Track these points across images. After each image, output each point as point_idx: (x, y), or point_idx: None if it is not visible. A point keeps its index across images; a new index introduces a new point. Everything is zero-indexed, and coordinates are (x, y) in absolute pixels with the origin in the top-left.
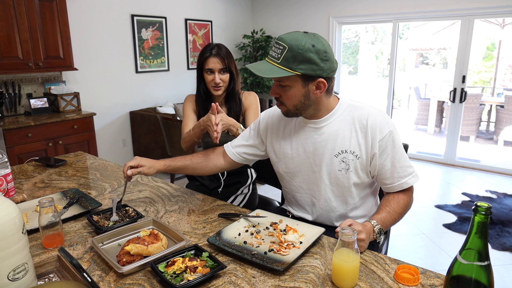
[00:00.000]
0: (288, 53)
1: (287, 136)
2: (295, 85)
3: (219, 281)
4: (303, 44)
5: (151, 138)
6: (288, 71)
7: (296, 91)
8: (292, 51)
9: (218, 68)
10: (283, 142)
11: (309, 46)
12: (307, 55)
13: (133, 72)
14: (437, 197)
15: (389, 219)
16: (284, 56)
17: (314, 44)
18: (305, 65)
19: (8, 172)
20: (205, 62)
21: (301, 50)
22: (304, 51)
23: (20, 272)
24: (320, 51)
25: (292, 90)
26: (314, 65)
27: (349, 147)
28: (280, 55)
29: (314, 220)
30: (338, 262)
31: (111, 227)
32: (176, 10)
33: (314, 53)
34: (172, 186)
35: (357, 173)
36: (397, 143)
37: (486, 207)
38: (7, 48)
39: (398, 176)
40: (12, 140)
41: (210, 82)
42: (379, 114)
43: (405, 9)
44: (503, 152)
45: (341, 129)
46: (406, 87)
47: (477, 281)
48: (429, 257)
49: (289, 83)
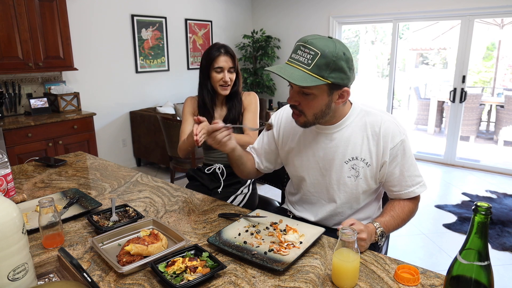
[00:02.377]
0: (321, 59)
1: (297, 140)
2: (321, 94)
3: (219, 281)
4: (337, 51)
5: (151, 138)
6: (319, 79)
7: (320, 100)
8: (325, 58)
9: (228, 66)
10: (293, 145)
11: (341, 54)
12: (339, 63)
13: (133, 72)
14: (437, 197)
15: (392, 224)
16: (316, 63)
17: (345, 52)
18: (337, 73)
19: (8, 172)
20: (215, 60)
21: (335, 58)
22: (338, 59)
23: (20, 272)
24: (349, 59)
25: (316, 99)
26: (344, 74)
27: (360, 154)
28: (311, 61)
29: (316, 221)
30: (338, 262)
31: (111, 227)
32: (176, 10)
33: (345, 61)
34: (172, 186)
35: (366, 181)
36: (407, 152)
37: (486, 207)
38: (7, 48)
39: (406, 185)
40: (12, 140)
41: (219, 81)
42: (392, 122)
43: (405, 9)
44: (503, 152)
45: (353, 135)
46: (406, 87)
47: (477, 281)
48: (429, 257)
49: (315, 91)
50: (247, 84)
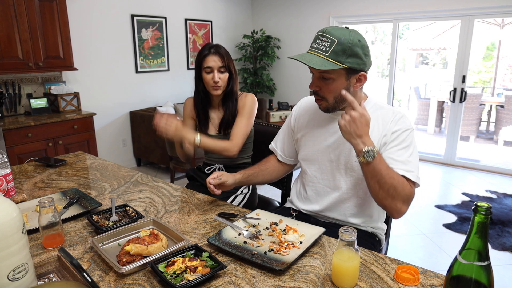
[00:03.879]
0: (337, 46)
1: (310, 123)
2: (339, 78)
3: (219, 281)
4: (352, 38)
5: (151, 138)
6: (337, 64)
7: (339, 83)
8: (342, 45)
9: (217, 66)
10: (306, 128)
11: (356, 41)
12: (355, 49)
13: (133, 72)
14: (437, 197)
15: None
16: (333, 50)
17: (360, 39)
18: (353, 58)
19: (8, 172)
20: (203, 60)
21: (350, 44)
22: (353, 45)
23: (20, 272)
24: (365, 46)
25: (335, 83)
26: (359, 59)
27: None
28: (329, 48)
29: (321, 210)
30: (338, 262)
31: (111, 227)
32: (176, 10)
33: (360, 47)
34: (172, 186)
35: None
36: (411, 142)
37: (486, 207)
38: (7, 48)
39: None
40: (12, 140)
41: (209, 81)
42: (403, 115)
43: (405, 9)
44: (503, 152)
45: None
46: (406, 87)
47: (477, 281)
48: (429, 257)
49: (334, 75)
50: (247, 84)
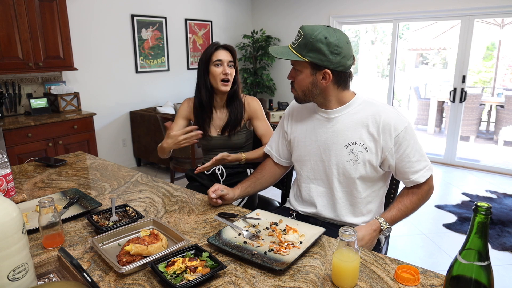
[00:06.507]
0: (302, 40)
1: (302, 124)
2: (304, 71)
3: (219, 281)
4: (316, 34)
5: (151, 138)
6: (297, 56)
7: (304, 76)
8: (305, 39)
9: (227, 60)
10: (298, 129)
11: (320, 37)
12: (316, 45)
13: (133, 72)
14: (437, 197)
15: (399, 216)
16: (299, 43)
17: (327, 36)
18: (314, 54)
19: (8, 172)
20: (213, 54)
21: (312, 39)
22: (315, 41)
23: (20, 272)
24: (331, 44)
25: (301, 75)
26: (322, 55)
27: (359, 139)
28: (296, 41)
29: (317, 212)
30: (338, 262)
31: (111, 227)
32: (176, 10)
33: (325, 44)
34: (172, 186)
35: (364, 166)
36: (412, 137)
37: (486, 207)
38: (7, 48)
39: (415, 170)
40: (12, 140)
41: (219, 75)
42: (393, 111)
43: (405, 9)
44: (503, 152)
45: (354, 122)
46: (406, 87)
47: (477, 281)
48: (429, 257)
49: (300, 68)
50: (247, 84)
